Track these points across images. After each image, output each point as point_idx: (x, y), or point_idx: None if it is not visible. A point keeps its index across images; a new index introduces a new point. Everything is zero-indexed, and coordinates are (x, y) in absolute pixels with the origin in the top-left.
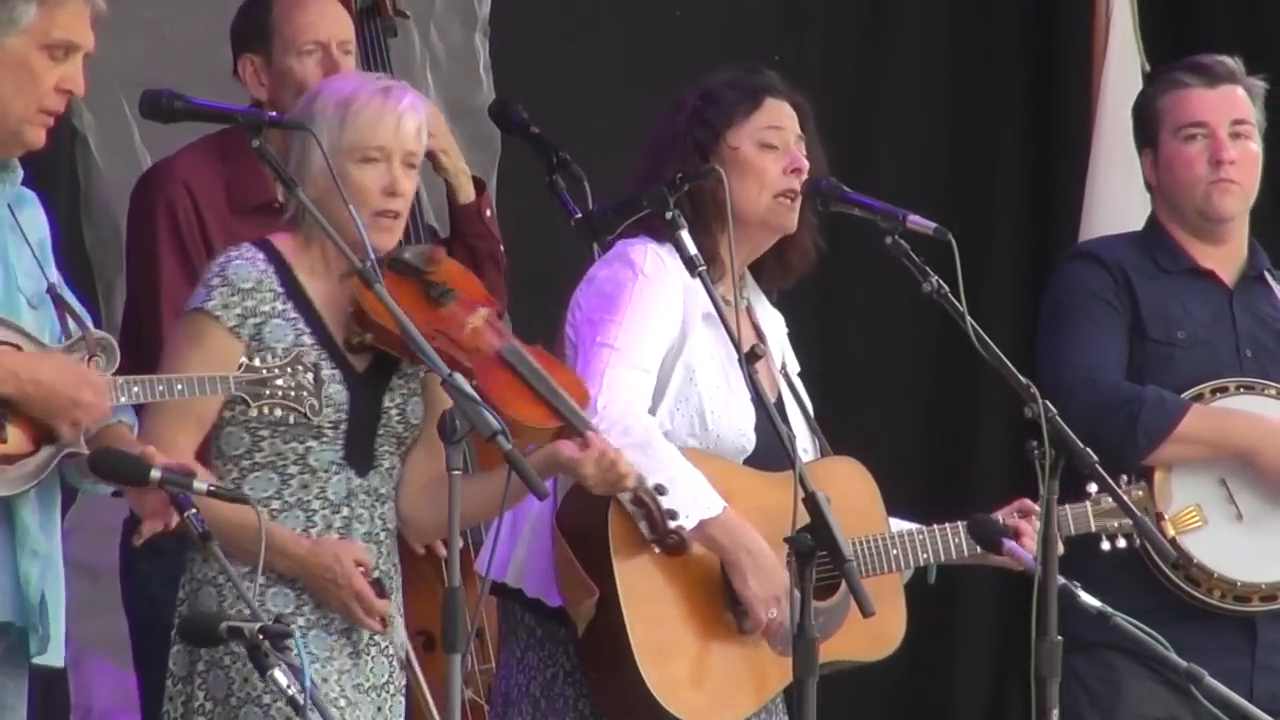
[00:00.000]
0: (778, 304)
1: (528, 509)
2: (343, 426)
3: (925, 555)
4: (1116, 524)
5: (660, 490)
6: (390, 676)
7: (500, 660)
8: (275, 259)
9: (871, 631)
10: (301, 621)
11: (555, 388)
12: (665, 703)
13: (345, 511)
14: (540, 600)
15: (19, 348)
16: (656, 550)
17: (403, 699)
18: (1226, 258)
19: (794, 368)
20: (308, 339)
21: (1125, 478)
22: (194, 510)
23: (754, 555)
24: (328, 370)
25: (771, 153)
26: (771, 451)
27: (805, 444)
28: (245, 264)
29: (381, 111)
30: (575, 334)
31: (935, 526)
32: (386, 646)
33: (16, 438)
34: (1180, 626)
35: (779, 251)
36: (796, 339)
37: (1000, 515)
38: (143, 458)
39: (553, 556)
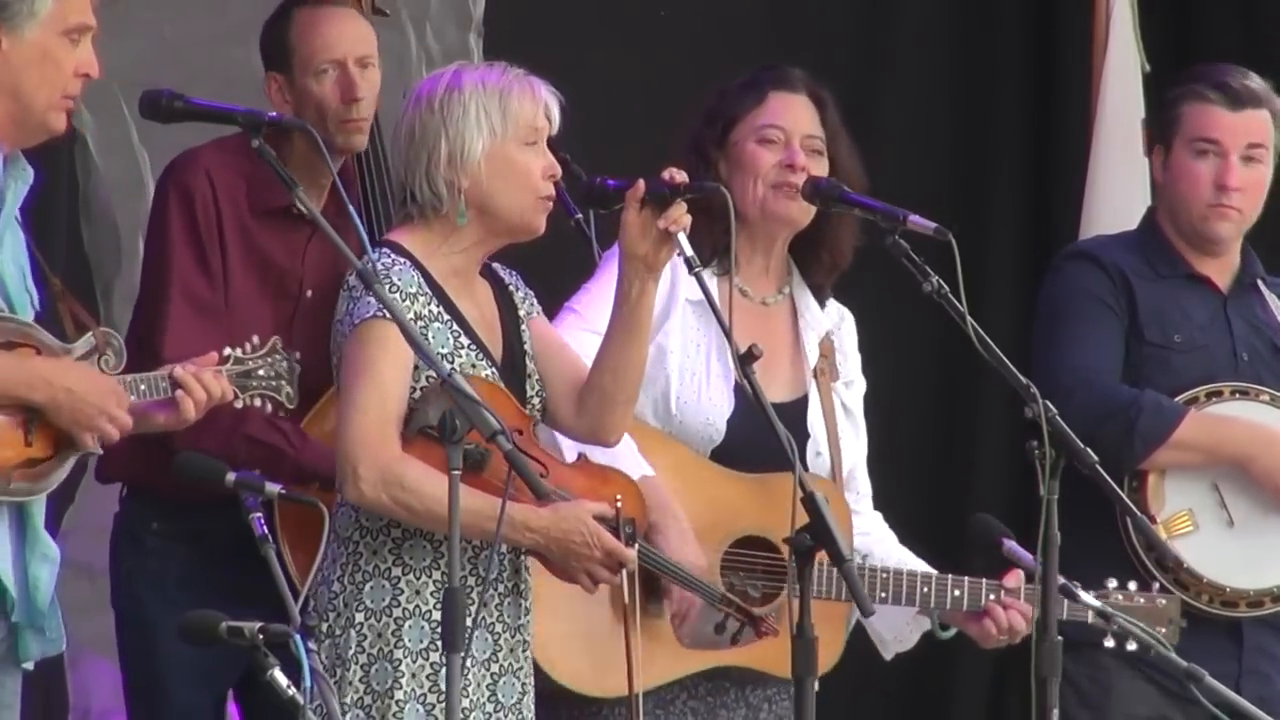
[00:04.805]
0: None
1: None
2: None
3: (917, 601)
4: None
5: None
6: (520, 699)
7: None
8: (413, 261)
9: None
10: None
11: None
12: (543, 665)
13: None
14: None
15: (37, 350)
16: None
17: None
18: (1221, 265)
19: (847, 376)
20: (464, 340)
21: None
22: (259, 514)
23: (681, 523)
24: (486, 370)
25: (769, 147)
26: (748, 449)
27: (820, 447)
28: (404, 269)
29: (534, 95)
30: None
31: (936, 575)
32: (520, 669)
33: (39, 442)
34: None
35: (814, 249)
36: None
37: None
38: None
39: None
